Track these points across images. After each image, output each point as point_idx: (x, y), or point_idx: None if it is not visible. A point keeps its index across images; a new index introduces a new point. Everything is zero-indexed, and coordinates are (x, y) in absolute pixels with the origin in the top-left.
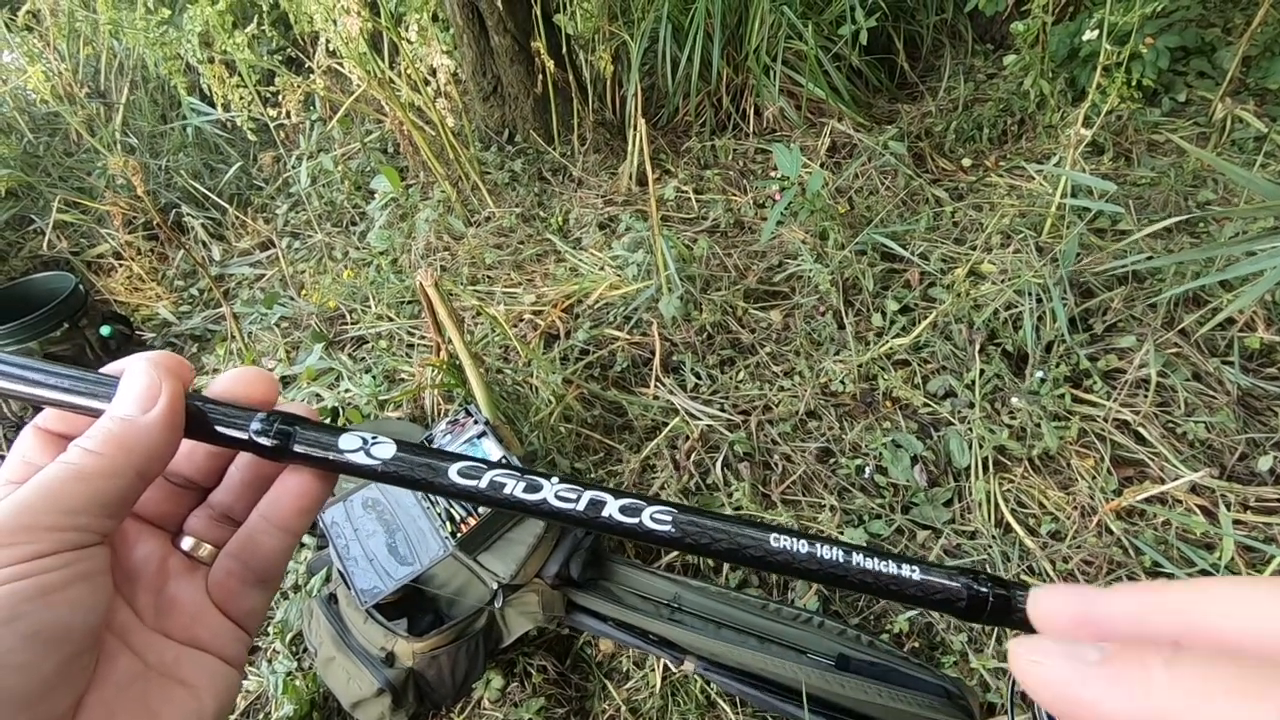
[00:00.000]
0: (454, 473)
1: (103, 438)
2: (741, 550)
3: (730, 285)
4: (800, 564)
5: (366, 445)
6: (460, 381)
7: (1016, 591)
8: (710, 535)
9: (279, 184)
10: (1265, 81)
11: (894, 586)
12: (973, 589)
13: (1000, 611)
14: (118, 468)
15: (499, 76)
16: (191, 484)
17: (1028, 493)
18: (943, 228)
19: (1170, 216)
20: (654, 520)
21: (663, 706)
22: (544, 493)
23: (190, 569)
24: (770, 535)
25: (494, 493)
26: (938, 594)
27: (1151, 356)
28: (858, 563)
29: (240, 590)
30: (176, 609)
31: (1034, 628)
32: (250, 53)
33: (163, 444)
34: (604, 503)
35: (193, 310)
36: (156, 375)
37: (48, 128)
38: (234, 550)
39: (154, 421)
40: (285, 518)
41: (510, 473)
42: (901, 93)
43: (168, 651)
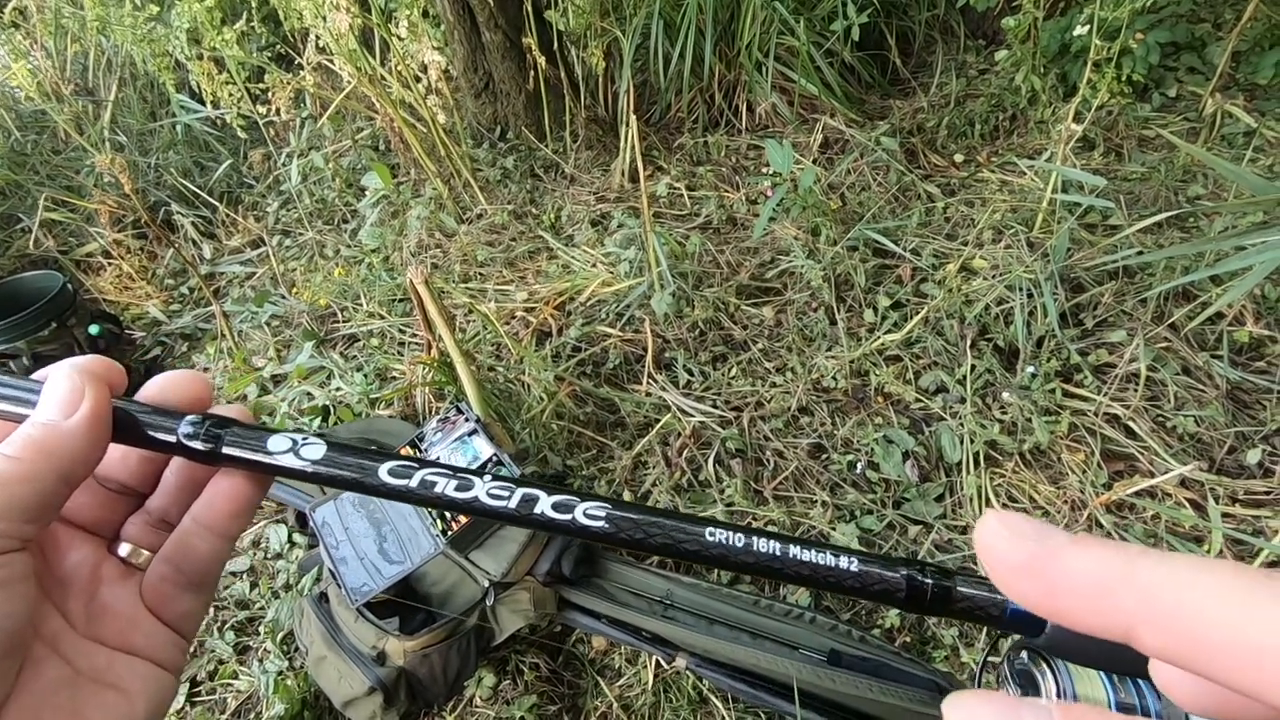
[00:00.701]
0: (384, 473)
1: (22, 443)
2: (677, 544)
3: (722, 282)
4: (737, 557)
5: (296, 446)
6: (452, 379)
7: (959, 580)
8: (644, 530)
9: (269, 182)
10: (1255, 77)
11: (831, 578)
12: (913, 579)
13: (941, 601)
14: (37, 473)
15: (490, 73)
16: (127, 490)
17: (1019, 487)
18: (934, 223)
19: (1161, 211)
20: (587, 516)
21: (655, 703)
22: (475, 490)
23: (125, 575)
24: (705, 529)
25: (425, 491)
26: (876, 585)
27: (1141, 351)
28: (794, 555)
29: (174, 595)
30: (110, 615)
31: (969, 616)
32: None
33: (86, 448)
34: (536, 499)
35: (183, 309)
36: (80, 380)
37: (35, 125)
38: (167, 554)
39: (76, 426)
40: (217, 521)
41: (441, 471)
42: (894, 88)
43: (99, 657)
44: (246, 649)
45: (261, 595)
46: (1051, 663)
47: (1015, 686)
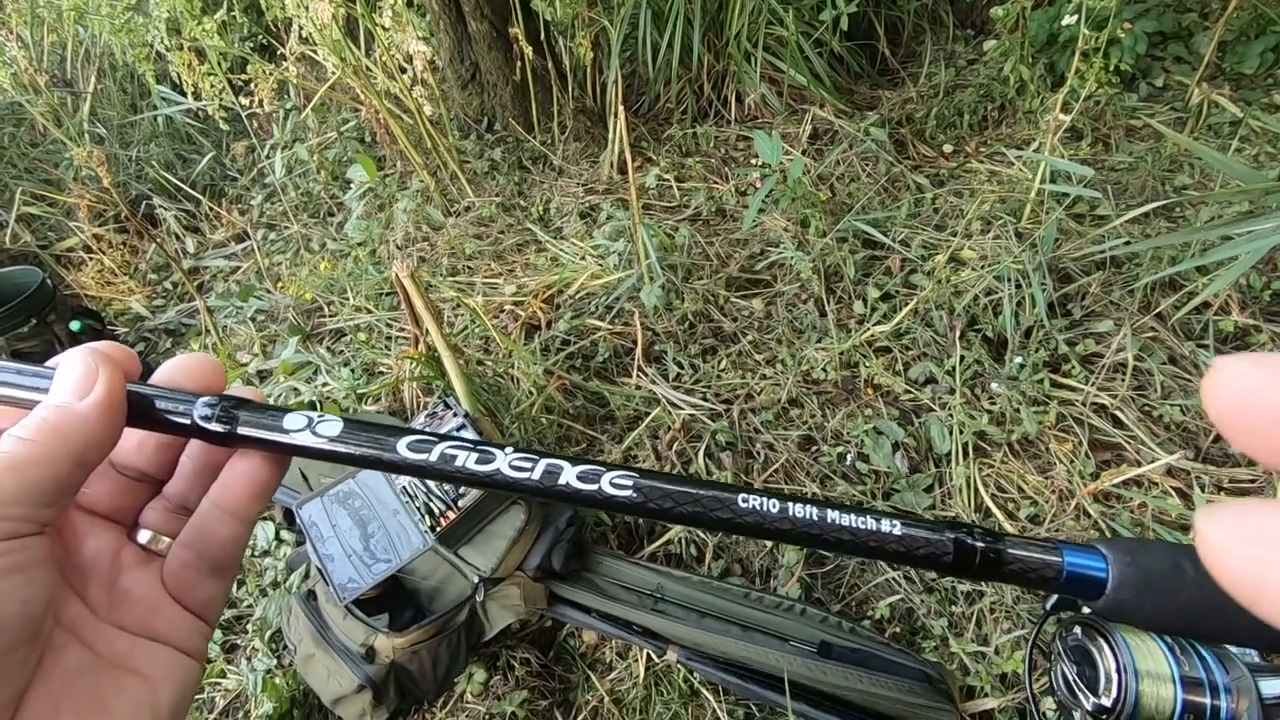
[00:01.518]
0: (403, 447)
1: (36, 426)
2: (708, 513)
3: (712, 274)
4: (772, 525)
5: (312, 424)
6: (440, 374)
7: (1010, 542)
8: (673, 499)
9: (253, 174)
10: (1241, 66)
11: (873, 543)
12: (961, 542)
13: (991, 564)
14: (53, 456)
15: (477, 63)
16: (146, 476)
17: (1007, 477)
18: (924, 214)
19: (1148, 201)
20: (613, 485)
21: (646, 697)
22: (497, 463)
23: (145, 561)
24: (739, 496)
25: (445, 465)
26: (922, 549)
27: (1129, 341)
28: (833, 520)
29: (196, 580)
30: (131, 601)
31: (1021, 580)
32: (220, 40)
33: (101, 431)
34: (560, 470)
35: (166, 304)
36: (93, 362)
37: (11, 118)
38: (187, 540)
39: (90, 408)
40: (236, 504)
41: (461, 444)
42: (883, 79)
43: (121, 643)
44: (234, 647)
45: (249, 593)
46: (1109, 636)
47: (1071, 664)
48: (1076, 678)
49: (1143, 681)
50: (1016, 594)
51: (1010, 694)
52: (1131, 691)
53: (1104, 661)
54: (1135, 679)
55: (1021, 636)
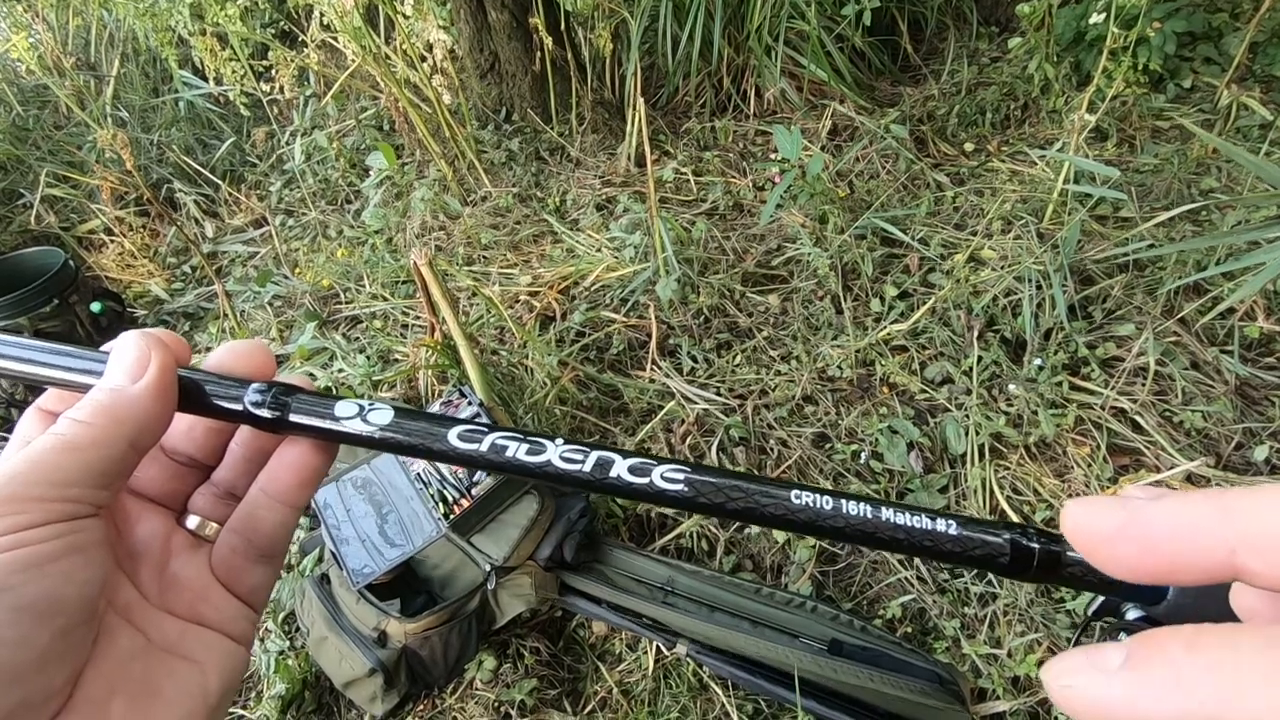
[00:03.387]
0: (454, 437)
1: (92, 408)
2: (760, 509)
3: (728, 268)
4: (825, 522)
5: (363, 412)
6: (455, 363)
7: (1067, 546)
8: (725, 494)
9: (272, 160)
10: (1272, 68)
11: (928, 543)
12: (1018, 543)
13: (1049, 566)
14: (108, 438)
15: (496, 53)
16: (195, 462)
17: (1023, 480)
18: (943, 213)
19: (1174, 204)
20: (665, 480)
21: (655, 689)
22: (548, 454)
23: (195, 547)
24: (791, 493)
25: (496, 456)
26: (977, 549)
27: (1150, 345)
28: (888, 519)
29: (244, 566)
30: (181, 586)
31: (1080, 583)
32: (242, 25)
33: (154, 413)
34: (611, 463)
35: (185, 288)
36: (146, 346)
37: (36, 100)
38: (236, 526)
39: (143, 391)
40: (284, 491)
41: (512, 435)
42: (904, 75)
43: (172, 628)
44: None
45: None
46: None
47: None
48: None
49: None
50: (1030, 597)
51: (1023, 697)
52: None
53: None
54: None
55: (1035, 640)
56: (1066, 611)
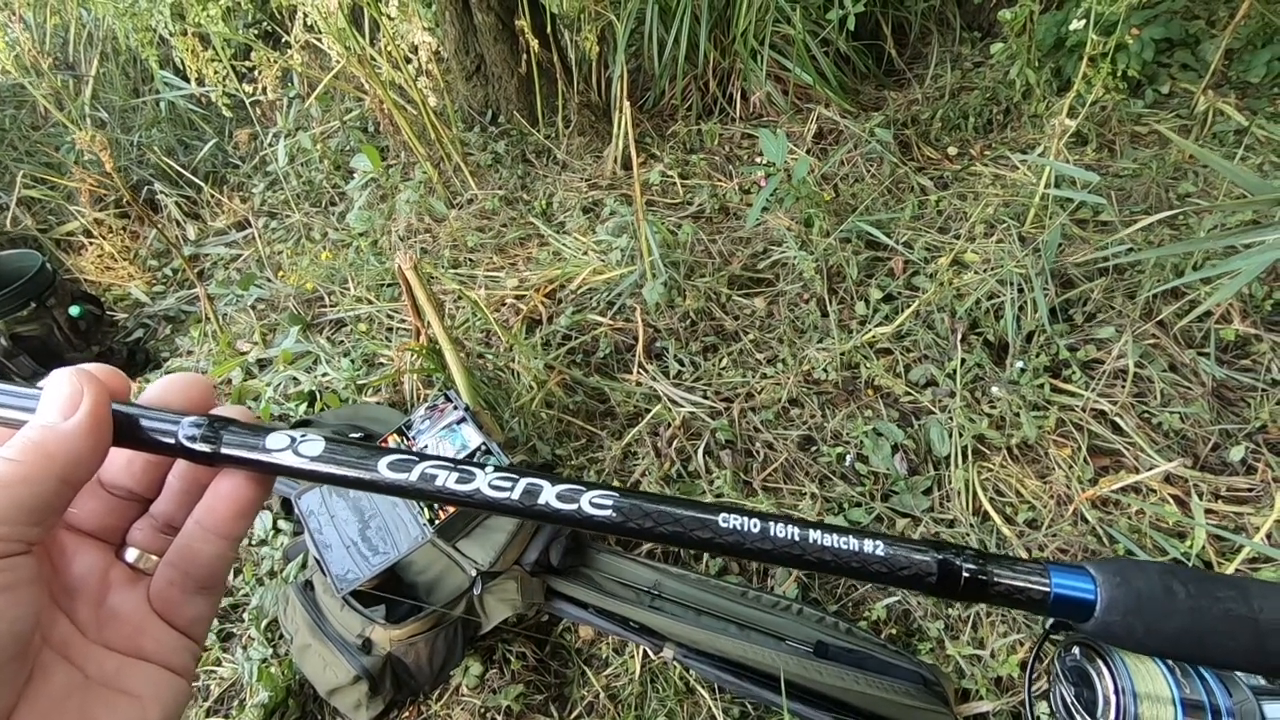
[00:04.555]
0: (384, 467)
1: (21, 445)
2: (688, 533)
3: (714, 272)
4: (753, 544)
5: (294, 444)
6: (440, 366)
7: (996, 564)
8: (653, 519)
9: (256, 162)
10: (1247, 75)
11: (855, 564)
12: (947, 563)
13: (977, 586)
14: (39, 474)
15: (482, 55)
16: (133, 495)
17: (1006, 481)
18: (927, 216)
19: (1152, 208)
20: (593, 505)
21: (642, 693)
22: (476, 483)
23: (133, 580)
24: (719, 516)
25: (425, 485)
26: (904, 570)
27: (1130, 347)
28: (815, 540)
29: (182, 599)
30: (119, 620)
31: (1007, 602)
32: (225, 25)
33: (86, 450)
34: (540, 489)
35: (166, 290)
36: (79, 383)
37: (13, 100)
38: (173, 559)
39: (75, 428)
40: (220, 523)
41: (442, 464)
42: (889, 79)
43: (110, 663)
44: (230, 636)
45: (245, 582)
46: (1108, 658)
47: (1069, 685)
48: (1075, 700)
49: (1142, 704)
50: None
51: (1005, 697)
52: (1130, 714)
53: (1102, 683)
54: (1134, 701)
55: (1017, 640)
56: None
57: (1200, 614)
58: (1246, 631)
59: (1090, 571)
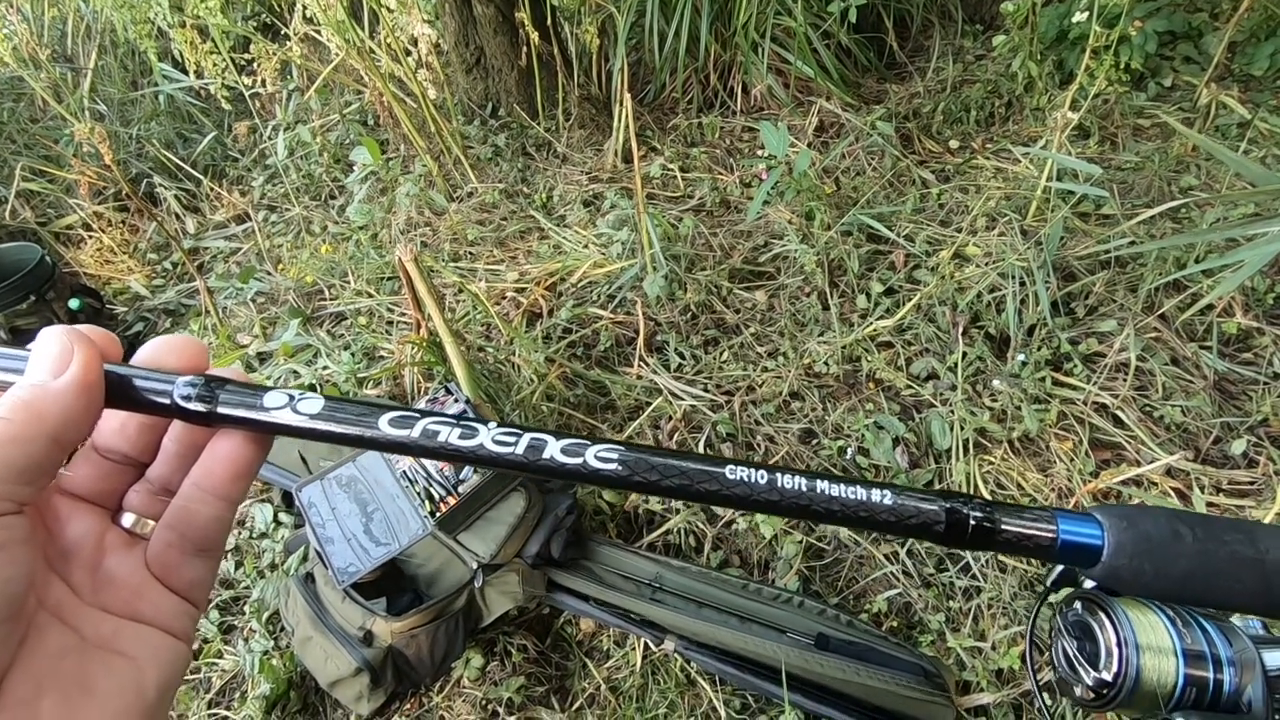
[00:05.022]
0: (385, 424)
1: (12, 404)
2: (695, 485)
3: (715, 265)
4: (760, 496)
5: (293, 402)
6: (441, 359)
7: (1004, 511)
8: (659, 471)
9: (255, 155)
10: (1250, 67)
11: (863, 513)
12: (954, 511)
13: (985, 534)
14: (29, 434)
15: (482, 48)
16: (128, 460)
17: (1007, 474)
18: (929, 210)
19: (1154, 201)
20: (599, 459)
21: (643, 685)
22: (479, 438)
23: (130, 544)
24: (726, 468)
25: (427, 441)
26: (913, 519)
27: (1131, 341)
28: (823, 490)
29: (181, 561)
30: (116, 584)
31: (1015, 549)
32: (224, 18)
33: (78, 409)
34: (544, 444)
35: (166, 284)
36: (69, 341)
37: (11, 92)
38: (170, 521)
39: (66, 386)
40: (218, 484)
41: (444, 420)
42: (890, 72)
43: (106, 625)
44: (231, 628)
45: (247, 574)
46: (1110, 610)
47: (1071, 639)
48: (1077, 652)
49: (1144, 655)
50: (1014, 590)
51: (1006, 689)
52: (1133, 665)
53: (1104, 636)
54: (1136, 652)
55: (1019, 633)
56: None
57: (1207, 556)
58: (1253, 573)
59: (1097, 517)
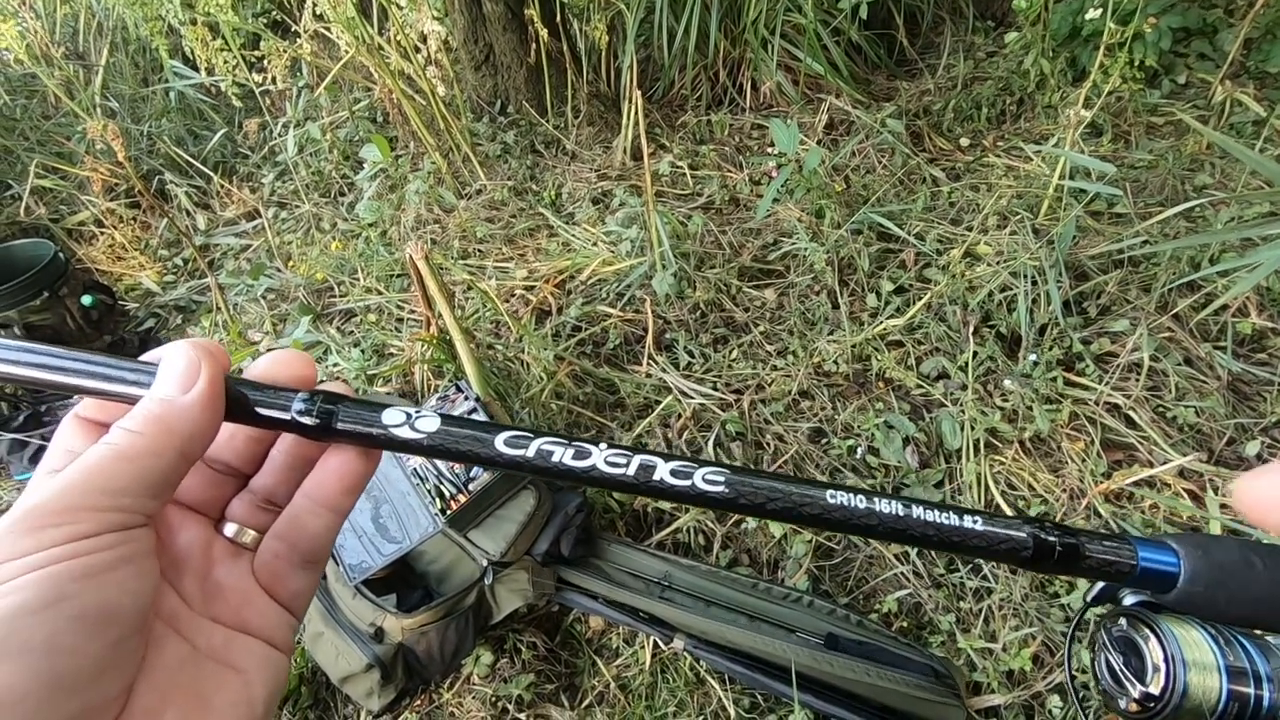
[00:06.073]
0: (500, 443)
1: (144, 418)
2: (797, 509)
3: (724, 263)
4: (859, 520)
5: (410, 419)
6: (450, 357)
7: (1085, 538)
8: (765, 495)
9: (265, 152)
10: (1265, 65)
11: (956, 538)
12: (1039, 538)
13: (1068, 559)
14: (160, 447)
15: (491, 45)
16: (232, 470)
17: (1018, 475)
18: (939, 208)
19: (1168, 200)
20: (707, 482)
21: (652, 684)
22: (593, 459)
23: (235, 554)
24: (826, 493)
25: (542, 461)
26: (1002, 544)
27: (1144, 340)
28: (918, 516)
29: (288, 572)
30: (224, 594)
31: (1096, 574)
32: (234, 15)
33: (204, 423)
34: (654, 466)
35: (177, 280)
36: (196, 356)
37: (24, 89)
38: (280, 532)
39: (194, 401)
40: (331, 497)
41: (557, 440)
42: (900, 69)
43: (216, 636)
44: None
45: None
46: (1155, 626)
47: (1117, 654)
48: (1124, 667)
49: (1190, 671)
50: (1024, 591)
51: (1017, 690)
52: (1180, 681)
53: (1151, 652)
54: (1184, 669)
55: (1029, 634)
56: (1060, 606)
57: (1277, 584)
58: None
59: (1172, 545)
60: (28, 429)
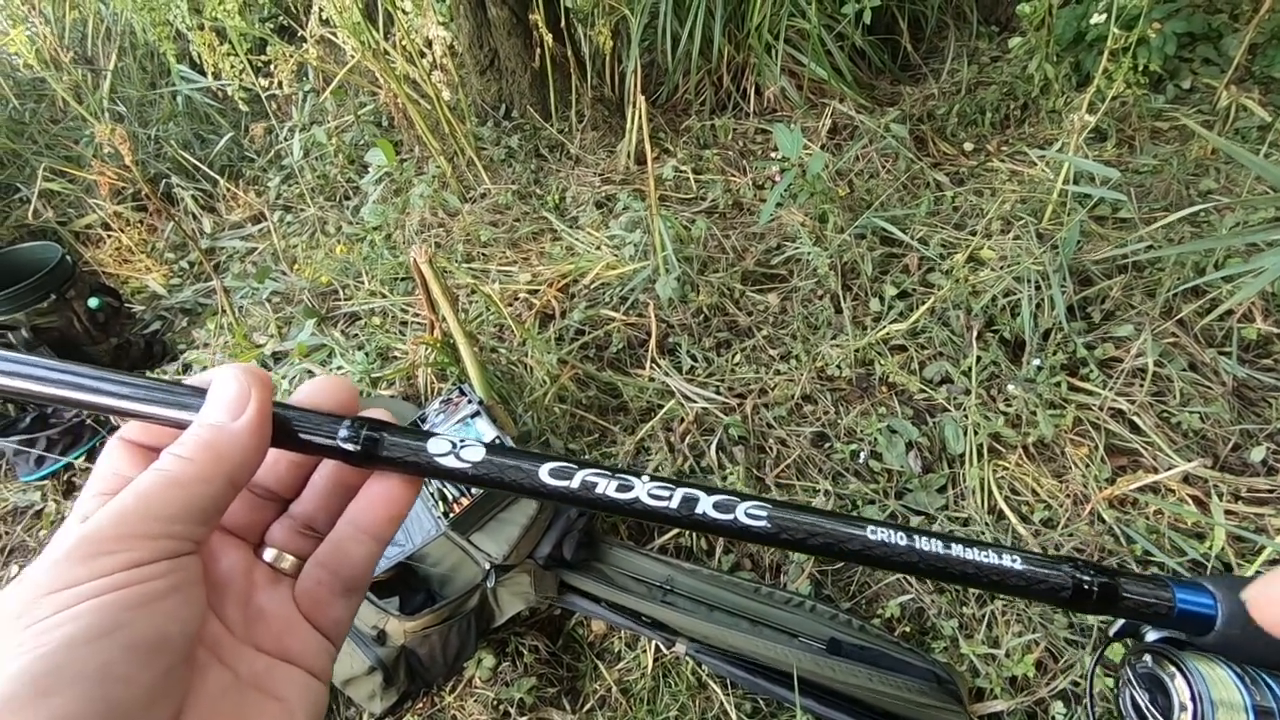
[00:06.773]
0: (545, 474)
1: (195, 444)
2: (838, 545)
3: (728, 267)
4: (899, 557)
5: (456, 449)
6: (454, 360)
7: (1124, 580)
8: (806, 531)
9: (271, 156)
10: (1271, 70)
11: (995, 577)
12: (1079, 579)
13: (1106, 600)
14: (210, 474)
15: (496, 50)
16: (272, 495)
17: (1021, 480)
18: (943, 213)
19: (1172, 205)
20: (749, 516)
21: (654, 688)
22: (636, 491)
23: (274, 580)
24: (868, 529)
25: (586, 493)
26: (1041, 584)
27: (1149, 346)
28: (958, 554)
29: (329, 600)
30: (265, 620)
31: (1134, 614)
32: (241, 20)
33: (252, 450)
34: (696, 500)
35: (183, 283)
36: (246, 382)
37: (33, 94)
38: (323, 559)
39: (244, 428)
40: (374, 524)
41: (601, 472)
42: (904, 74)
43: (259, 663)
44: None
45: None
46: (1182, 665)
47: (1142, 691)
48: (1149, 705)
49: (1219, 711)
50: None
51: (1020, 697)
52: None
53: (1177, 690)
54: (1211, 708)
55: (1032, 640)
56: (1064, 612)
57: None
58: None
59: (1208, 587)
60: (33, 431)
